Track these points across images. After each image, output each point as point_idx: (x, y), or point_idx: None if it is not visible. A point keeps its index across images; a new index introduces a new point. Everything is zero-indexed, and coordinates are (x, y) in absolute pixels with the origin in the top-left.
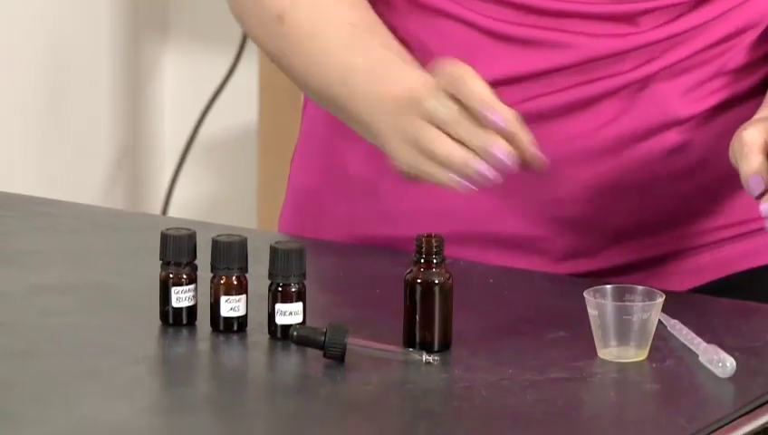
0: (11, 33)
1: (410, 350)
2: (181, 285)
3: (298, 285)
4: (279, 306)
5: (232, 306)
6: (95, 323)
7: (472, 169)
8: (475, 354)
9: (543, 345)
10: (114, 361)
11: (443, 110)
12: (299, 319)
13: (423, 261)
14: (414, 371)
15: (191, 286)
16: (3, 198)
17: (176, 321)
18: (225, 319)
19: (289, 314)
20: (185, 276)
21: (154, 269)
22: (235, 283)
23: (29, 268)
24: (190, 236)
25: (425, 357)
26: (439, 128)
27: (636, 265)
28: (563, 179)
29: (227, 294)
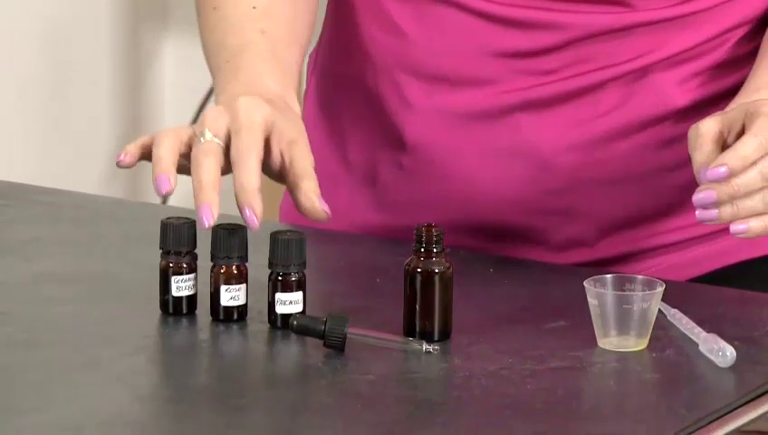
0: (10, 24)
1: (410, 339)
2: (181, 274)
3: (298, 274)
4: (279, 296)
5: (232, 296)
6: (95, 313)
7: (200, 202)
8: (475, 344)
9: (543, 335)
10: (114, 350)
11: (216, 140)
12: (299, 308)
13: (423, 250)
14: (414, 360)
15: (191, 276)
16: (3, 188)
17: (176, 310)
18: (225, 308)
19: (289, 303)
20: (185, 266)
21: (154, 258)
22: (235, 272)
23: (29, 258)
24: (190, 226)
25: (425, 346)
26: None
27: (634, 255)
28: (562, 169)
29: (227, 283)
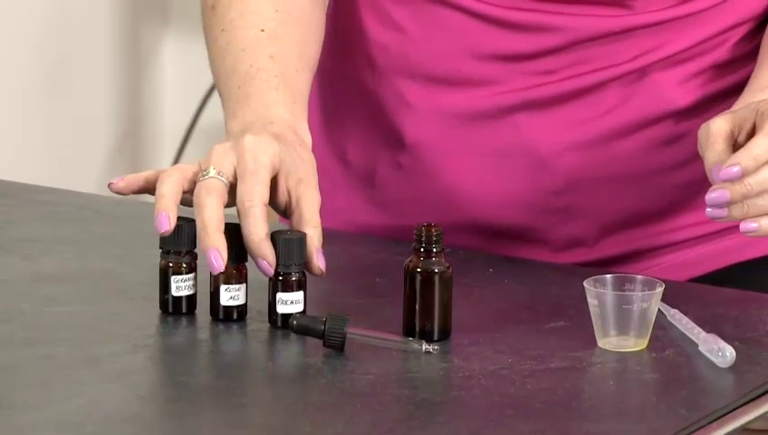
0: (9, 23)
1: (410, 339)
2: (181, 273)
3: (298, 274)
4: (280, 295)
5: (231, 295)
6: (95, 312)
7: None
8: (475, 344)
9: (543, 335)
10: (114, 349)
11: (219, 178)
12: (299, 308)
13: (423, 250)
14: (414, 360)
15: (191, 275)
16: (4, 187)
17: (175, 310)
18: (225, 308)
19: (290, 302)
20: (184, 265)
21: (154, 258)
22: (235, 272)
23: (30, 257)
24: (190, 225)
25: (424, 346)
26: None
27: (635, 256)
28: (562, 169)
29: (227, 283)
